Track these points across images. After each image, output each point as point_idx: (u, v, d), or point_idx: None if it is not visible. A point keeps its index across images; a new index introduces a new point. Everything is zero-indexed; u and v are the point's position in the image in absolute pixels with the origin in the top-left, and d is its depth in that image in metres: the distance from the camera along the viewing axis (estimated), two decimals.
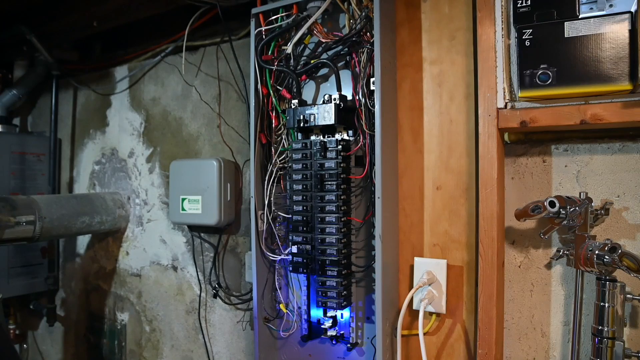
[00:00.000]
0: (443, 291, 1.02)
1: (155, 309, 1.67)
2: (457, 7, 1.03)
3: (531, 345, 0.97)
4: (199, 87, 1.54)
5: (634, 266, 0.75)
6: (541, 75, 0.83)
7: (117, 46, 1.80)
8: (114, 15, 1.53)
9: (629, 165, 0.87)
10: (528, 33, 0.84)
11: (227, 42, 1.43)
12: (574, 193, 0.90)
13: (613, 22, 0.77)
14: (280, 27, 1.12)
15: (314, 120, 1.04)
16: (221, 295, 1.47)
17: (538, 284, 0.96)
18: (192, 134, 1.57)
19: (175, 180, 1.45)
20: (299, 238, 1.09)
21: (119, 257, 1.78)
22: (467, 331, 1.03)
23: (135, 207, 1.72)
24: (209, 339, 1.52)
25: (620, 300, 0.80)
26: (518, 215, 0.88)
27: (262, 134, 1.17)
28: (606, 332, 0.79)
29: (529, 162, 0.96)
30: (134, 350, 1.73)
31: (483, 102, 0.90)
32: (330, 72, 1.13)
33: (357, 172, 1.06)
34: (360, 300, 1.10)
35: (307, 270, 1.08)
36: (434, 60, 1.06)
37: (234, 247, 1.47)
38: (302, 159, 1.07)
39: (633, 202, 0.87)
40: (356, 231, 1.08)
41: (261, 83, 1.15)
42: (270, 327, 1.19)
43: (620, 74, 0.77)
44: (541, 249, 0.95)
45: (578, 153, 0.91)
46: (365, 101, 1.01)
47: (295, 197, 1.09)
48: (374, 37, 0.98)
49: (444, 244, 1.05)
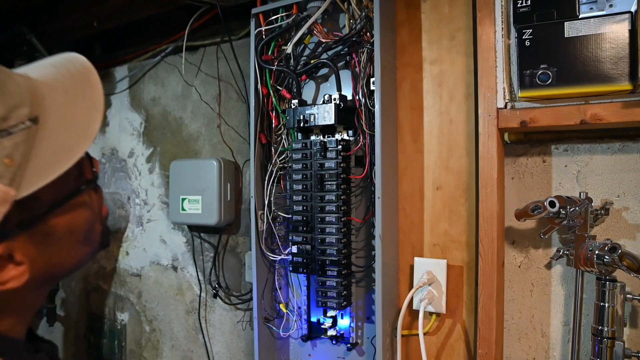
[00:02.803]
0: (443, 291, 1.02)
1: (155, 309, 1.67)
2: (457, 7, 1.03)
3: (531, 345, 0.97)
4: (199, 87, 1.54)
5: (634, 266, 0.75)
6: (541, 75, 0.83)
7: (117, 46, 1.80)
8: (114, 15, 1.53)
9: (629, 165, 0.87)
10: (528, 33, 0.84)
11: (227, 42, 1.43)
12: (574, 193, 0.90)
13: (613, 22, 0.77)
14: (280, 27, 1.12)
15: (314, 120, 1.04)
16: (221, 295, 1.47)
17: (538, 284, 0.96)
18: (192, 134, 1.57)
19: (175, 180, 1.45)
20: (299, 238, 1.09)
21: (119, 257, 1.78)
22: (467, 331, 1.03)
23: (135, 207, 1.72)
24: (209, 339, 1.52)
25: (620, 300, 0.80)
26: (518, 215, 0.88)
27: (262, 134, 1.17)
28: (606, 332, 0.79)
29: (529, 162, 0.96)
30: (134, 350, 1.73)
31: (483, 102, 0.90)
32: (330, 72, 1.13)
33: (357, 172, 1.06)
34: (360, 300, 1.11)
35: (307, 270, 1.08)
36: (434, 60, 1.06)
37: (234, 247, 1.47)
38: (302, 159, 1.07)
39: (633, 202, 0.87)
40: (356, 231, 1.08)
41: (261, 83, 1.15)
42: (270, 327, 1.19)
43: (620, 74, 0.77)
44: (541, 249, 0.95)
45: (578, 153, 0.91)
46: (365, 101, 1.01)
47: (295, 197, 1.09)
48: (374, 37, 0.98)
49: (444, 244, 1.05)
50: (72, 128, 0.46)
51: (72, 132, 0.46)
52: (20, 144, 0.41)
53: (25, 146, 0.42)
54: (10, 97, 0.42)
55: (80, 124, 0.47)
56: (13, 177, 0.40)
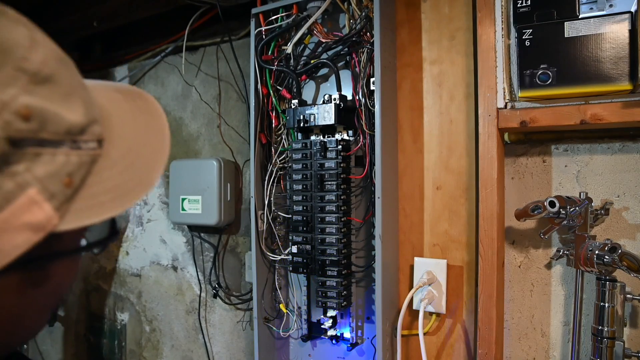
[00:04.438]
0: (443, 291, 1.02)
1: (155, 309, 1.67)
2: (457, 7, 1.03)
3: (531, 345, 0.97)
4: (199, 87, 1.54)
5: (634, 266, 0.75)
6: (541, 75, 0.83)
7: (117, 46, 1.80)
8: (114, 15, 1.53)
9: (629, 165, 0.87)
10: (528, 33, 0.84)
11: (227, 42, 1.43)
12: (574, 193, 0.90)
13: (613, 22, 0.77)
14: (280, 27, 1.12)
15: (314, 120, 1.04)
16: (221, 295, 1.47)
17: (538, 284, 0.96)
18: (192, 134, 1.57)
19: (175, 180, 1.45)
20: (299, 238, 1.09)
21: (118, 257, 1.78)
22: (467, 331, 1.03)
23: (135, 207, 1.72)
24: (209, 339, 1.52)
25: (620, 300, 0.80)
26: (518, 215, 0.88)
27: (262, 134, 1.17)
28: (606, 332, 0.80)
29: (529, 162, 0.96)
30: (134, 350, 1.73)
31: (483, 102, 0.90)
32: (330, 72, 1.13)
33: (357, 172, 1.06)
34: (360, 300, 1.11)
35: (307, 271, 1.08)
36: (434, 60, 1.06)
37: (234, 247, 1.47)
38: (302, 159, 1.07)
39: (633, 202, 0.87)
40: (356, 231, 1.08)
41: (261, 83, 1.15)
42: (270, 327, 1.19)
43: (620, 74, 0.77)
44: (541, 249, 0.95)
45: (578, 153, 0.91)
46: (365, 101, 1.01)
47: (295, 197, 1.09)
48: (374, 37, 0.98)
49: (444, 244, 1.05)
50: (135, 168, 0.38)
51: (134, 173, 0.38)
52: (83, 165, 0.34)
53: (85, 170, 0.34)
54: (93, 107, 0.36)
55: (144, 166, 0.39)
56: (63, 203, 0.32)
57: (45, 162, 0.31)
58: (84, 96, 0.35)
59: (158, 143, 0.41)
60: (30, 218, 0.30)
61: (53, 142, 0.31)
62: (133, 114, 0.41)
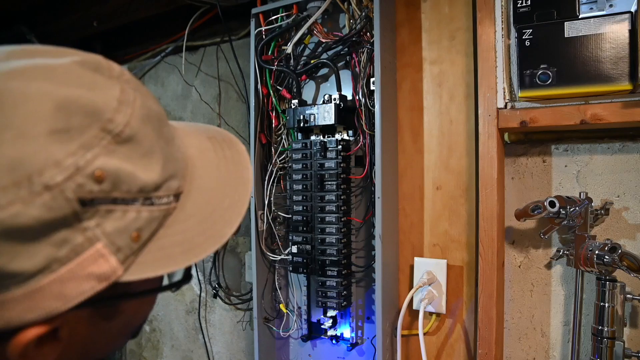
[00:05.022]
0: (443, 291, 1.02)
1: (155, 309, 1.67)
2: (457, 7, 1.03)
3: (531, 345, 0.97)
4: (199, 87, 1.54)
5: (634, 266, 0.75)
6: (541, 75, 0.83)
7: (117, 46, 1.80)
8: (114, 15, 1.53)
9: (629, 165, 0.87)
10: (528, 33, 0.84)
11: (227, 42, 1.43)
12: (574, 193, 0.90)
13: (613, 22, 0.77)
14: (280, 27, 1.12)
15: (314, 120, 1.04)
16: (221, 295, 1.47)
17: (538, 284, 0.96)
18: None
19: None
20: (299, 238, 1.09)
21: None
22: (467, 331, 1.03)
23: None
24: (209, 339, 1.52)
25: (620, 300, 0.80)
26: (518, 215, 0.87)
27: (262, 134, 1.17)
28: (606, 332, 0.79)
29: (529, 162, 0.96)
30: (134, 350, 1.73)
31: (483, 102, 0.90)
32: (330, 72, 1.13)
33: (357, 172, 1.06)
34: (360, 300, 1.10)
35: (307, 271, 1.08)
36: (434, 60, 1.06)
37: (234, 247, 1.47)
38: (302, 159, 1.07)
39: (633, 202, 0.87)
40: (356, 231, 1.08)
41: (261, 83, 1.15)
42: (270, 327, 1.19)
43: (620, 74, 0.77)
44: (541, 249, 0.95)
45: (578, 153, 0.91)
46: (365, 101, 1.01)
47: (295, 197, 1.09)
48: (374, 37, 0.98)
49: (444, 244, 1.05)
50: (209, 222, 0.38)
51: (207, 226, 0.38)
52: (154, 220, 0.34)
53: (157, 224, 0.35)
54: (173, 163, 0.36)
55: (220, 219, 0.39)
56: (129, 256, 0.33)
57: (116, 219, 0.32)
58: (165, 152, 0.36)
59: (238, 195, 0.41)
60: (96, 269, 0.31)
61: (125, 200, 0.32)
62: (218, 165, 0.41)
